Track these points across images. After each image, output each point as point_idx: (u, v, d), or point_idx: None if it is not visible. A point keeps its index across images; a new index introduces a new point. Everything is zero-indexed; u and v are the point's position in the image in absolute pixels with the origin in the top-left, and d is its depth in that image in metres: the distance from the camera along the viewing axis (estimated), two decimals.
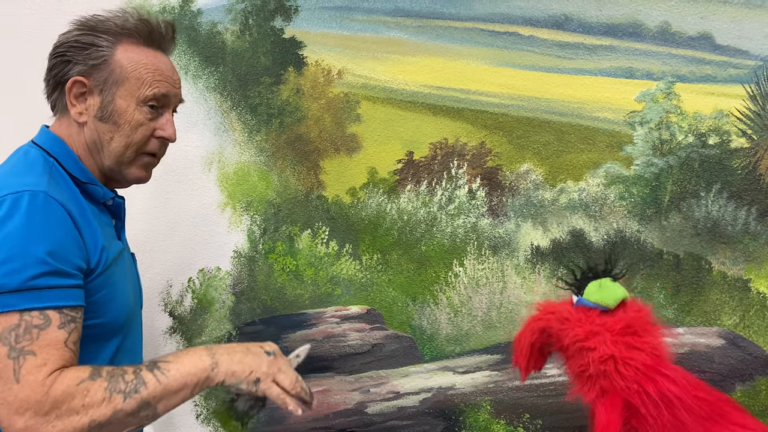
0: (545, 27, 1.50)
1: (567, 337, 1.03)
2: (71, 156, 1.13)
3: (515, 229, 1.55)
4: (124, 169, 1.16)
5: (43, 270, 0.95)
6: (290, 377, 1.09)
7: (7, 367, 0.91)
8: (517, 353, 1.12)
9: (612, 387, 0.99)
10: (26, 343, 0.92)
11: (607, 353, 0.99)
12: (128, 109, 1.12)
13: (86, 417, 0.93)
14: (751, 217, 1.40)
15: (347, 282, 1.67)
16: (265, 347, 1.11)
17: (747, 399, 1.39)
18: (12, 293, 0.93)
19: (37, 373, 0.91)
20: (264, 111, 1.72)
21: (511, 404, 1.54)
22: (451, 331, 1.59)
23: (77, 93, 1.12)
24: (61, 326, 0.96)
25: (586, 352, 1.01)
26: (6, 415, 0.90)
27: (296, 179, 1.70)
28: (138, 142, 1.15)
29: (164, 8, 1.77)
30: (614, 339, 1.00)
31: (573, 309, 1.06)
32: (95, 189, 1.13)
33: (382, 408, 1.62)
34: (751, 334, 1.40)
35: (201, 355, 1.04)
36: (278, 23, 1.69)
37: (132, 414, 0.96)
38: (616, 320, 1.02)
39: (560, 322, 1.05)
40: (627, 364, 0.99)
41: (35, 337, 0.93)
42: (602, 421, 0.98)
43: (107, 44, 1.12)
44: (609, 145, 1.48)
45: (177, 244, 1.79)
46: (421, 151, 1.61)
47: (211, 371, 1.03)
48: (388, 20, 1.61)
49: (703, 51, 1.42)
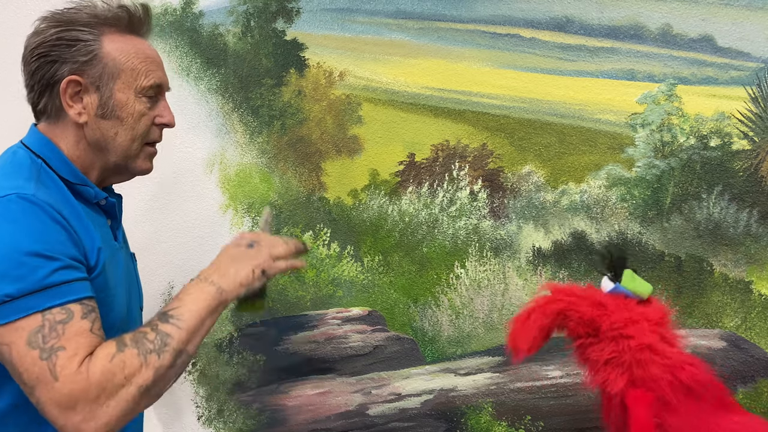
0: (547, 29, 1.51)
1: (604, 323, 1.02)
2: (60, 157, 1.09)
3: (517, 230, 1.55)
4: (131, 163, 1.14)
5: (55, 267, 0.94)
6: (280, 245, 1.12)
7: (43, 369, 0.91)
8: (521, 334, 1.08)
9: (642, 377, 0.99)
10: (54, 341, 0.92)
11: (645, 342, 0.99)
12: (128, 101, 1.10)
13: (133, 386, 0.94)
14: (752, 219, 1.40)
15: (349, 284, 1.67)
16: (241, 243, 1.12)
17: (748, 401, 1.39)
18: (29, 296, 0.92)
19: (71, 365, 0.91)
20: (266, 113, 1.72)
21: (512, 406, 1.54)
22: (453, 332, 1.59)
23: (72, 92, 1.08)
24: (84, 316, 0.96)
25: (623, 339, 1.00)
26: (59, 414, 0.91)
27: (298, 181, 1.70)
28: (142, 133, 1.13)
29: (166, 10, 1.78)
30: (652, 329, 1.01)
31: (608, 295, 1.06)
32: (86, 190, 1.10)
33: (383, 410, 1.62)
34: (752, 336, 1.40)
35: (202, 288, 1.04)
36: (280, 25, 1.70)
37: (171, 366, 0.98)
38: (654, 311, 1.03)
39: (594, 306, 1.04)
40: (662, 355, 0.99)
41: (61, 332, 0.93)
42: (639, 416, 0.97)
43: (92, 38, 1.08)
44: (610, 147, 1.48)
45: (179, 245, 1.80)
46: (423, 152, 1.61)
47: (220, 296, 1.04)
48: (389, 22, 1.61)
49: (704, 53, 1.42)
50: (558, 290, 1.08)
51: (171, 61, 1.77)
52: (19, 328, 0.92)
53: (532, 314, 1.07)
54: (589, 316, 1.04)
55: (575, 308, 1.05)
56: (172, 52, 1.77)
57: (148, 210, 1.80)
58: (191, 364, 1.78)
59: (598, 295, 1.06)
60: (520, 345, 1.07)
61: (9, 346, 0.92)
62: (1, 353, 0.93)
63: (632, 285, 1.05)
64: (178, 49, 1.77)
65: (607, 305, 1.03)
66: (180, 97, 1.77)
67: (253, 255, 1.10)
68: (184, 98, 1.77)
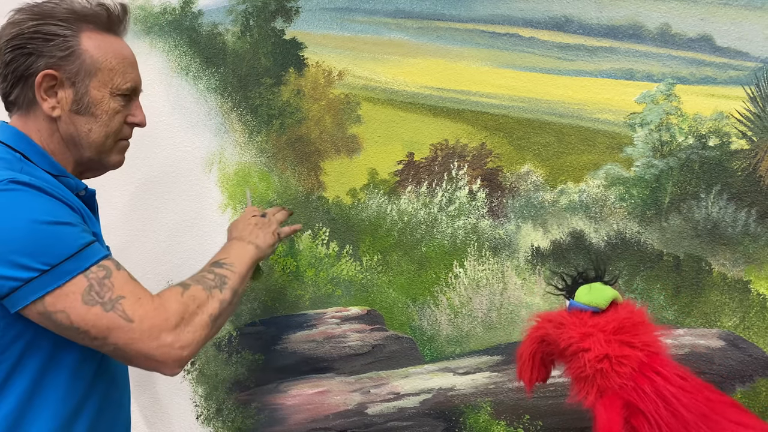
0: (546, 28, 1.51)
1: (563, 340, 1.04)
2: (37, 150, 1.09)
3: (515, 230, 1.55)
4: (105, 158, 1.17)
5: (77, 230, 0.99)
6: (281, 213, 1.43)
7: (113, 319, 0.97)
8: (520, 366, 1.13)
9: (609, 386, 1.00)
10: (109, 293, 0.98)
11: (602, 353, 1.01)
12: (103, 99, 1.11)
13: (205, 315, 1.05)
14: (751, 218, 1.40)
15: (347, 283, 1.67)
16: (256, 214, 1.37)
17: (747, 400, 1.39)
18: (66, 261, 0.96)
19: (141, 307, 0.99)
20: (265, 112, 1.72)
21: (511, 405, 1.54)
22: (452, 332, 1.59)
23: (47, 86, 1.08)
24: (118, 267, 1.02)
25: (582, 353, 1.03)
26: (144, 345, 0.98)
27: (297, 180, 1.70)
28: (116, 130, 1.15)
29: (165, 9, 1.78)
30: (607, 338, 1.02)
31: (567, 313, 1.08)
32: (67, 181, 1.11)
33: (382, 409, 1.62)
34: (751, 336, 1.40)
35: (243, 246, 1.24)
36: (279, 24, 1.70)
37: (230, 302, 1.12)
38: (608, 320, 1.04)
39: (556, 327, 1.07)
40: (622, 363, 1.00)
41: (111, 285, 0.99)
42: (603, 420, 0.98)
43: (71, 33, 1.08)
44: (609, 146, 1.48)
45: (177, 244, 1.80)
46: (422, 152, 1.61)
47: (258, 252, 1.26)
48: (388, 22, 1.61)
49: (703, 53, 1.42)
50: (541, 317, 1.12)
51: (170, 60, 1.77)
52: (69, 293, 0.95)
53: (523, 345, 1.13)
54: (553, 338, 1.07)
55: (546, 332, 1.09)
56: (171, 51, 1.77)
57: (147, 208, 1.80)
58: (190, 363, 1.78)
59: (562, 315, 1.08)
60: (524, 376, 1.13)
61: (65, 311, 0.95)
62: (58, 321, 0.96)
63: (586, 298, 1.07)
64: (177, 48, 1.77)
65: (565, 323, 1.06)
66: (179, 96, 1.77)
67: (267, 222, 1.34)
68: (183, 97, 1.77)
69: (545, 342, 1.09)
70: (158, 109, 1.76)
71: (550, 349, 1.10)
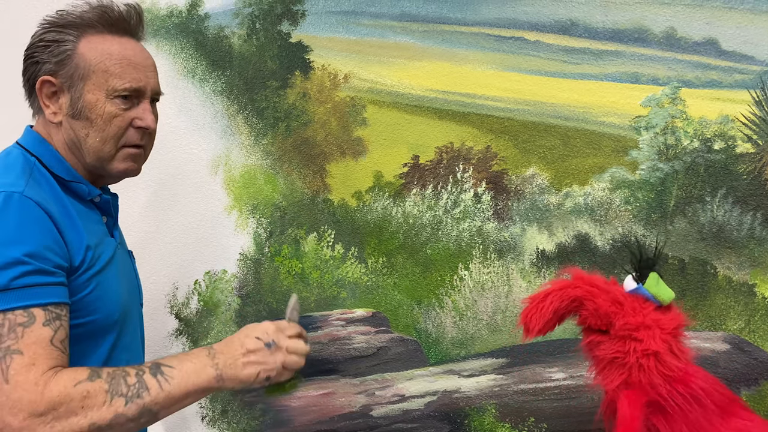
0: (551, 32, 1.51)
1: (618, 321, 1.01)
2: (54, 155, 1.10)
3: (520, 233, 1.56)
4: (107, 165, 1.12)
5: (24, 270, 0.93)
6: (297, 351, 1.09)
7: None
8: (535, 314, 1.06)
9: (641, 381, 0.99)
10: (11, 341, 0.90)
11: (653, 349, 0.99)
12: (98, 102, 1.09)
13: (86, 419, 0.91)
14: (756, 222, 1.40)
15: (353, 285, 1.67)
16: (263, 338, 1.07)
17: (752, 404, 1.39)
18: None
19: (27, 373, 0.89)
20: (270, 114, 1.73)
21: (515, 408, 1.54)
22: (457, 334, 1.60)
23: (48, 93, 1.09)
24: (46, 323, 0.93)
25: (631, 341, 1.00)
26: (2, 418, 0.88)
27: (302, 182, 1.71)
28: (114, 135, 1.11)
29: (171, 12, 1.79)
30: (664, 337, 1.00)
31: (627, 294, 1.04)
32: (79, 187, 1.11)
33: (387, 411, 1.63)
34: (756, 339, 1.40)
35: (205, 365, 1.01)
36: (285, 27, 1.70)
37: (133, 419, 0.94)
38: (670, 319, 1.02)
39: (611, 303, 1.03)
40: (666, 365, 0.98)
41: (20, 335, 0.91)
42: (626, 414, 0.97)
43: (71, 39, 1.08)
44: (614, 149, 1.48)
45: (183, 246, 1.80)
46: (427, 155, 1.62)
47: (216, 383, 1.02)
48: (394, 25, 1.62)
49: (708, 56, 1.43)
50: (579, 277, 1.07)
51: (176, 62, 1.78)
52: None
53: (548, 296, 1.06)
54: (604, 311, 1.03)
55: (593, 299, 1.04)
56: (177, 54, 1.78)
57: (153, 210, 1.81)
58: None
59: (619, 292, 1.05)
60: (532, 324, 1.06)
61: None
62: None
63: (655, 289, 1.03)
64: (183, 51, 1.77)
65: (624, 304, 1.03)
66: (185, 98, 1.78)
67: (266, 357, 1.06)
68: (189, 100, 1.78)
69: (578, 303, 1.05)
70: (164, 111, 1.76)
71: (579, 311, 1.05)
